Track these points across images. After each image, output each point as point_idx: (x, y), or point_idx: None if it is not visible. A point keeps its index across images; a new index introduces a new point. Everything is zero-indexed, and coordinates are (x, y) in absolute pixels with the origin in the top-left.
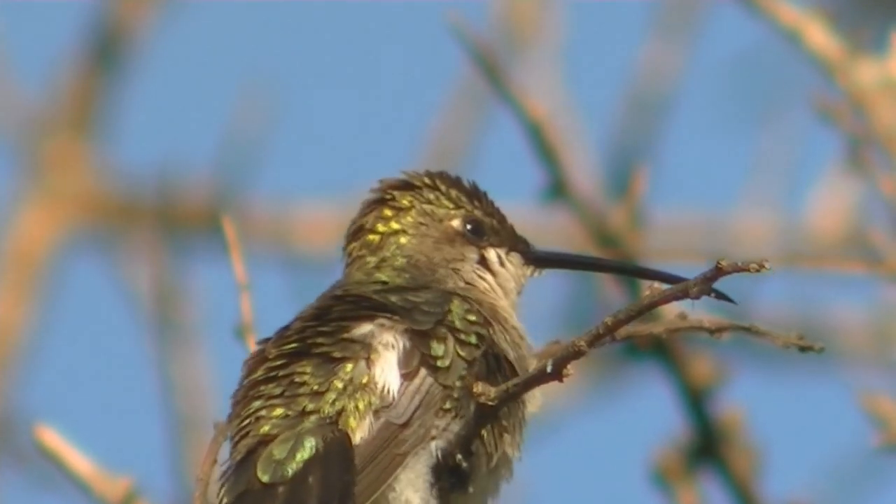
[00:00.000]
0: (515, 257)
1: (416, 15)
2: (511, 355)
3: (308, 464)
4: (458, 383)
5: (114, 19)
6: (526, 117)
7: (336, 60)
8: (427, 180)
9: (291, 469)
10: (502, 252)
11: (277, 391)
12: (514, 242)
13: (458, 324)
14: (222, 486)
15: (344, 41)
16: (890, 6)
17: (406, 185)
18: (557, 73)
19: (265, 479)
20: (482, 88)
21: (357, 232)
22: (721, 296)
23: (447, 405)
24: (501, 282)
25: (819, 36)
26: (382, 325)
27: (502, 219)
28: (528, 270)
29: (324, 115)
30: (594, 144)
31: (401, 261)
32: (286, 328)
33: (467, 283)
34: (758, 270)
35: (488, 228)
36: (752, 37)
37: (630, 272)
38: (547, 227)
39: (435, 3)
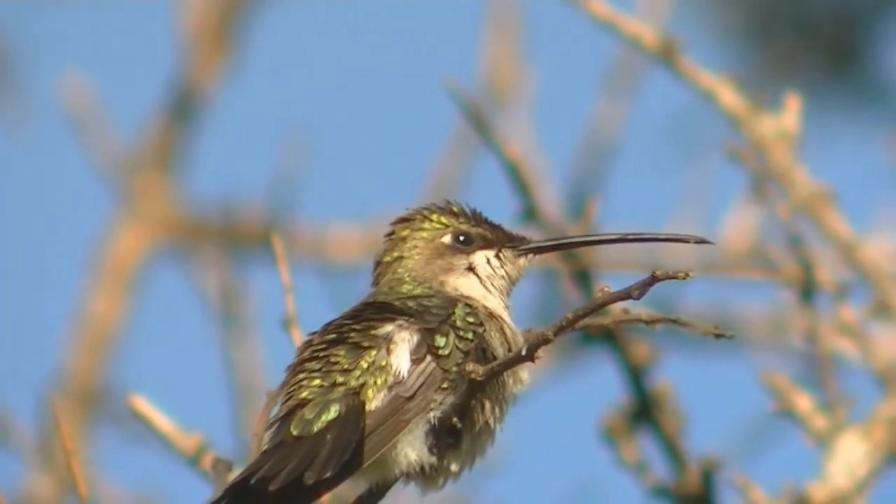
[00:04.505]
0: (508, 253)
1: (421, 79)
2: (498, 348)
3: (330, 424)
4: (454, 368)
5: (189, 81)
6: (505, 158)
7: (361, 114)
8: (422, 212)
9: (316, 427)
10: (491, 253)
11: (317, 367)
12: (506, 241)
13: (459, 323)
14: (268, 435)
15: (367, 100)
16: (783, 75)
17: (403, 220)
18: (529, 124)
19: (295, 432)
20: (471, 135)
21: (376, 265)
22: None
23: (444, 385)
24: (489, 281)
25: (729, 96)
26: (401, 326)
27: (492, 226)
28: (523, 260)
29: (351, 156)
30: (558, 180)
31: (409, 277)
32: (329, 324)
33: (455, 287)
34: (684, 277)
35: (475, 236)
36: (679, 97)
37: (611, 241)
38: None
39: (434, 69)
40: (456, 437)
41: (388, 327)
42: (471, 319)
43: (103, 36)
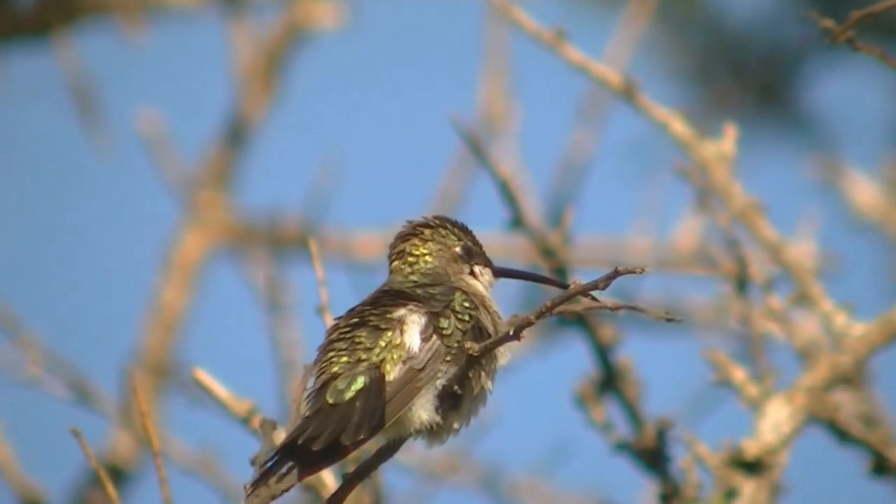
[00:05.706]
0: (487, 271)
1: (430, 112)
2: (490, 328)
3: (358, 392)
4: (455, 344)
5: (241, 113)
6: (497, 176)
7: (381, 139)
8: (439, 221)
9: (348, 395)
10: (481, 267)
11: (344, 346)
12: (487, 261)
13: (458, 308)
14: (305, 404)
15: (386, 128)
16: (723, 109)
17: (427, 225)
18: (517, 149)
19: (330, 401)
20: (470, 158)
21: (400, 254)
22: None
23: (448, 358)
24: (483, 283)
25: (679, 126)
26: (412, 310)
27: (481, 246)
28: (494, 279)
29: (372, 174)
30: (539, 194)
31: (427, 269)
32: (352, 309)
33: (461, 285)
34: (641, 272)
35: (474, 254)
36: (638, 126)
37: (543, 281)
38: (511, 245)
39: (440, 104)
40: (457, 400)
41: (401, 311)
42: (467, 304)
43: (171, 76)
